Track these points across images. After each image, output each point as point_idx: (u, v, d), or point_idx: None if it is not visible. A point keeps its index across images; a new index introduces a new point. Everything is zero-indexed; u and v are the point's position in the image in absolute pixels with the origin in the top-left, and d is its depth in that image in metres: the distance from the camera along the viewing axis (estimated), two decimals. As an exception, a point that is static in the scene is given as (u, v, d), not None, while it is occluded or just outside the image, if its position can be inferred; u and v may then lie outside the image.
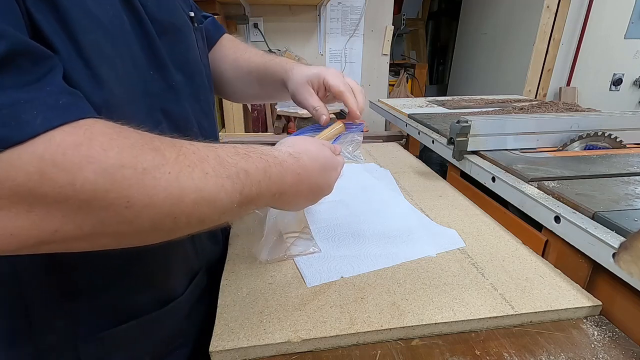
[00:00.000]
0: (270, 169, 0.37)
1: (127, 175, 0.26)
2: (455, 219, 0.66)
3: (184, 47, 0.46)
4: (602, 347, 0.41)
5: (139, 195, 0.27)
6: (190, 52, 0.47)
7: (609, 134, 0.77)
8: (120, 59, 0.35)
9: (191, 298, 0.49)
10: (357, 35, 1.91)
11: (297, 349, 0.41)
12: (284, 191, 0.39)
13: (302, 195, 0.42)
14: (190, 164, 0.30)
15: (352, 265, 0.52)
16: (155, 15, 0.40)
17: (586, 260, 0.49)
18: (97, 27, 0.32)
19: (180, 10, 0.46)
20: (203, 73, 0.50)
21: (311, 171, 0.42)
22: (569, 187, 0.57)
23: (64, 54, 0.29)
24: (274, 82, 0.62)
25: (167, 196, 0.28)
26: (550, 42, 2.04)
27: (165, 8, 0.42)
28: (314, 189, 0.44)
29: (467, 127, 0.73)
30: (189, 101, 0.46)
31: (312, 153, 0.43)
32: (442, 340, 0.42)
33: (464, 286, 0.49)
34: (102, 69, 0.32)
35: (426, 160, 1.00)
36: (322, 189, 0.45)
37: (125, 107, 0.35)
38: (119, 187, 0.26)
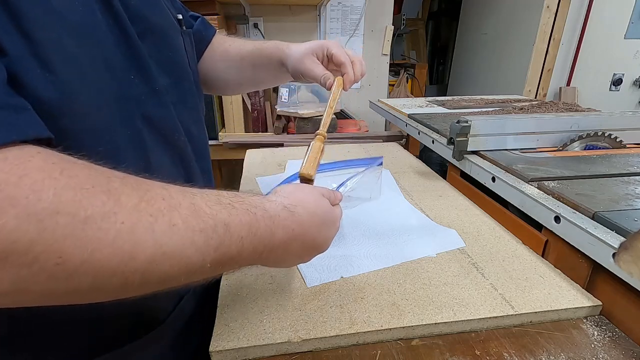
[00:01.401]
0: (257, 224, 0.32)
1: (61, 223, 0.21)
2: (455, 219, 0.66)
3: (169, 49, 0.44)
4: (602, 347, 0.41)
5: (75, 250, 0.22)
6: (177, 55, 0.45)
7: (609, 134, 0.77)
8: (90, 60, 0.32)
9: (175, 325, 0.46)
10: (357, 35, 1.90)
11: (297, 349, 0.41)
12: (272, 249, 0.35)
13: (293, 253, 0.37)
14: (154, 212, 0.25)
15: (352, 265, 0.52)
16: (138, 16, 0.38)
17: (586, 260, 0.49)
18: (60, 25, 0.29)
19: (166, 12, 0.45)
20: (191, 78, 0.48)
21: (308, 227, 0.37)
22: (569, 187, 0.57)
23: (13, 53, 0.26)
24: (269, 63, 0.61)
25: (113, 252, 0.23)
26: (550, 42, 2.04)
27: (150, 9, 0.41)
28: (308, 246, 0.39)
29: (467, 127, 0.73)
30: (176, 106, 0.43)
31: (310, 206, 0.38)
32: (442, 340, 0.42)
33: (464, 286, 0.49)
34: (64, 71, 0.29)
35: (426, 160, 1.00)
36: (317, 246, 0.40)
37: (94, 113, 0.32)
38: (49, 238, 0.21)
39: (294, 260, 0.40)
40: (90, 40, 0.32)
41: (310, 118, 1.38)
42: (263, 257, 0.34)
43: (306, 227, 0.37)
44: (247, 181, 0.85)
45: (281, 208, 0.36)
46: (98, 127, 0.33)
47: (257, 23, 1.80)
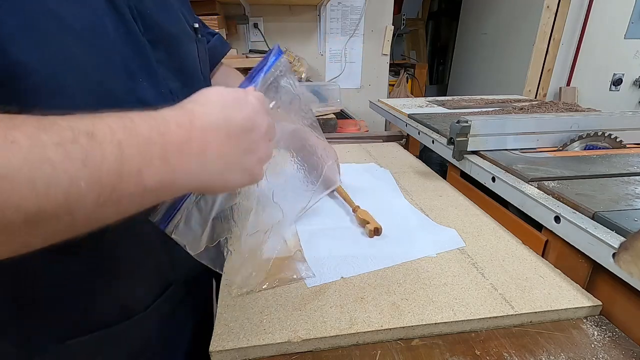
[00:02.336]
0: (134, 122, 0.26)
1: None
2: (455, 219, 0.66)
3: (182, 56, 0.44)
4: (602, 347, 0.41)
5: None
6: (189, 61, 0.46)
7: (609, 134, 0.77)
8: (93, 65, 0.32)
9: (162, 312, 0.46)
10: (357, 35, 1.90)
11: (297, 349, 0.41)
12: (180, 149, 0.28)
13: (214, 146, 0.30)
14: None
15: (352, 265, 0.52)
16: (152, 24, 0.39)
17: (586, 260, 0.49)
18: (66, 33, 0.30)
19: (181, 20, 0.46)
20: (202, 84, 0.48)
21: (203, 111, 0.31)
22: (569, 187, 0.57)
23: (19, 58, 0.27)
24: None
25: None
26: (550, 42, 2.04)
27: (165, 18, 0.42)
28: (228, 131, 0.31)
29: (467, 127, 0.73)
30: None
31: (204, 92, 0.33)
32: (442, 340, 0.42)
33: (464, 286, 0.49)
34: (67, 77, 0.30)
35: (426, 160, 1.00)
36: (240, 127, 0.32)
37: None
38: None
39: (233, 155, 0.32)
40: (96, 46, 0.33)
41: (310, 118, 1.38)
42: (179, 165, 0.28)
43: (204, 111, 0.31)
44: (247, 181, 0.84)
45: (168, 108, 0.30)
46: None
47: (257, 23, 1.80)
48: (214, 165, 0.31)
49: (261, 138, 0.34)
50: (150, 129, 0.27)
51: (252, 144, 0.33)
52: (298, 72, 1.72)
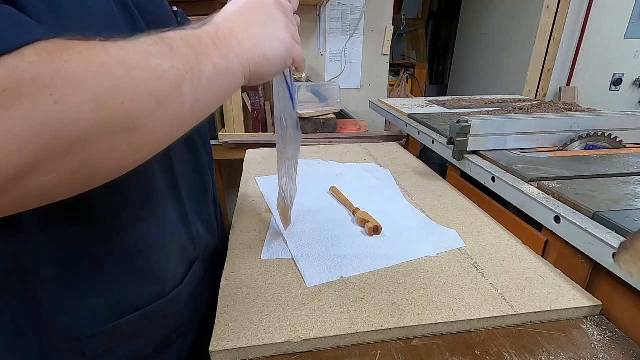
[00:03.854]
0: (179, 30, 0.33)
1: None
2: (455, 219, 0.66)
3: None
4: (602, 347, 0.41)
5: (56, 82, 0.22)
6: None
7: (609, 134, 0.77)
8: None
9: (189, 287, 0.48)
10: (357, 35, 1.90)
11: (297, 349, 0.41)
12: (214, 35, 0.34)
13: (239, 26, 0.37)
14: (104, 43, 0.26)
15: (352, 265, 0.53)
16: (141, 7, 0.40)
17: (586, 260, 0.49)
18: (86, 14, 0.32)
19: (165, 4, 0.48)
20: None
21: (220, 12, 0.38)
22: (569, 187, 0.57)
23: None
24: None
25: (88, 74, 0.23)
26: (550, 42, 2.04)
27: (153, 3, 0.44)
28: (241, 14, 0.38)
29: (467, 127, 0.73)
30: None
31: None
32: (442, 340, 0.42)
33: (464, 286, 0.49)
34: None
35: (426, 160, 1.00)
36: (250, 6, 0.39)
37: None
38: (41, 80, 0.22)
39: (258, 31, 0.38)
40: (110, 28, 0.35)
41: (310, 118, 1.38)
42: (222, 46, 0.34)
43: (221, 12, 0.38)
44: (247, 181, 0.85)
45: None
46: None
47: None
48: (246, 41, 0.36)
49: (275, 9, 0.40)
50: (193, 28, 0.33)
51: (268, 15, 0.39)
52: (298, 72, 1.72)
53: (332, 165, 0.93)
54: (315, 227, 0.63)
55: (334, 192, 0.75)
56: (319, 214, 0.68)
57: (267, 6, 0.39)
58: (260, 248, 0.58)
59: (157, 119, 0.27)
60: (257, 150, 1.08)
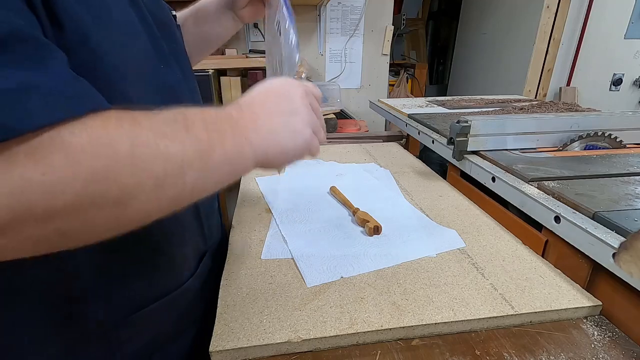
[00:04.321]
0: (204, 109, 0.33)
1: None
2: (455, 219, 0.66)
3: (176, 43, 0.49)
4: (602, 347, 0.41)
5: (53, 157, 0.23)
6: (181, 47, 0.50)
7: (609, 134, 0.77)
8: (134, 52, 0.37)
9: (200, 278, 0.51)
10: (357, 35, 1.90)
11: (297, 349, 0.41)
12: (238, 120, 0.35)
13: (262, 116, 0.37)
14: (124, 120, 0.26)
15: (352, 265, 0.53)
16: (152, 12, 0.42)
17: (586, 260, 0.49)
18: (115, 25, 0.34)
19: (167, 9, 0.50)
20: (190, 66, 0.53)
21: (248, 97, 0.38)
22: (569, 187, 0.57)
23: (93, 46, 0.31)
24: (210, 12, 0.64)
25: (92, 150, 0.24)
26: (550, 42, 2.04)
27: (157, 7, 0.46)
28: (267, 103, 0.38)
29: (467, 127, 0.73)
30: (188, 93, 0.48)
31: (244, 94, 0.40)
32: (442, 340, 0.42)
33: (464, 286, 0.49)
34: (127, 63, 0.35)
35: (426, 160, 1.00)
36: (278, 96, 0.39)
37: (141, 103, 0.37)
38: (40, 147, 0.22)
39: (281, 118, 0.38)
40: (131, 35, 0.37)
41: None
42: (245, 132, 0.34)
43: (249, 97, 0.38)
44: (247, 181, 0.85)
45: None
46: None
47: (257, 23, 1.80)
48: (265, 129, 0.36)
49: (300, 101, 0.39)
50: (217, 111, 0.34)
51: (292, 108, 0.39)
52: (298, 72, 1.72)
53: (332, 165, 0.93)
54: (315, 227, 0.63)
55: (334, 192, 0.75)
56: (319, 214, 0.68)
57: (294, 96, 0.39)
58: (260, 248, 0.58)
59: (152, 197, 0.27)
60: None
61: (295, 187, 0.80)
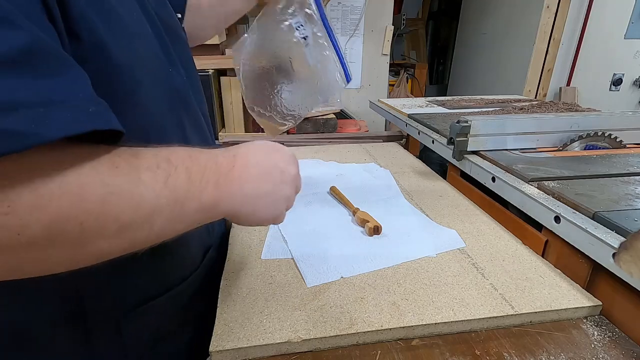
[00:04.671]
0: (198, 155, 0.33)
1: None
2: (455, 219, 0.66)
3: (182, 45, 0.50)
4: (602, 347, 0.41)
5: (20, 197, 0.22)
6: (187, 50, 0.52)
7: (609, 134, 0.77)
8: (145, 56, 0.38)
9: (204, 272, 0.52)
10: (357, 35, 1.90)
11: (297, 349, 0.41)
12: (226, 176, 0.34)
13: (253, 181, 0.37)
14: (99, 158, 0.26)
15: (352, 265, 0.52)
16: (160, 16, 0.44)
17: (586, 260, 0.49)
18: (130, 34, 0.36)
19: (173, 13, 0.51)
20: (195, 68, 0.54)
21: (249, 151, 0.38)
22: (569, 187, 0.57)
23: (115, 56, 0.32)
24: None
25: (61, 194, 0.23)
26: (550, 42, 2.04)
27: (165, 12, 0.47)
28: (262, 170, 0.38)
29: (467, 127, 0.73)
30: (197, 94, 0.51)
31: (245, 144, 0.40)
32: (442, 340, 0.42)
33: (464, 286, 0.49)
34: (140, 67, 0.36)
35: (426, 160, 1.00)
36: (272, 169, 0.38)
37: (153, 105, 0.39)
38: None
39: (265, 186, 0.37)
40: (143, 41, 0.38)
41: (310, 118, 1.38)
42: (225, 189, 0.34)
43: (247, 152, 0.38)
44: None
45: (217, 148, 0.37)
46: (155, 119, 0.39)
47: (257, 23, 1.79)
48: (249, 192, 0.36)
49: (290, 181, 0.40)
50: (207, 159, 0.34)
51: (281, 183, 0.39)
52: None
53: (332, 165, 0.93)
54: (315, 227, 0.63)
55: (334, 192, 0.75)
56: (319, 214, 0.68)
57: (286, 173, 0.40)
58: (260, 248, 0.57)
59: (113, 240, 0.27)
60: (257, 150, 1.08)
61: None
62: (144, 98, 0.37)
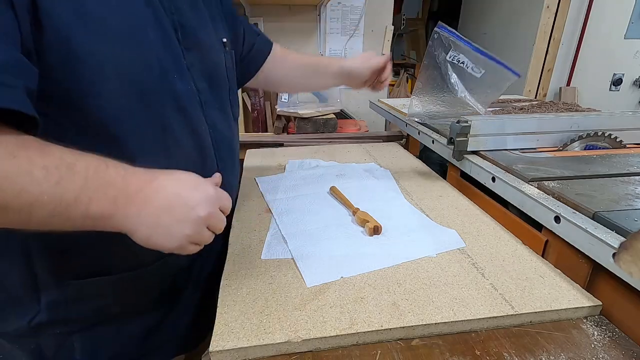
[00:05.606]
0: (106, 169, 0.35)
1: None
2: (455, 219, 0.66)
3: (211, 61, 0.56)
4: (602, 347, 0.41)
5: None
6: (217, 67, 0.57)
7: (609, 134, 0.77)
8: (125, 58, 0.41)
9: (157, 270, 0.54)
10: (357, 35, 1.90)
11: (297, 349, 0.41)
12: (130, 198, 0.36)
13: (158, 207, 0.37)
14: (8, 149, 0.31)
15: (352, 266, 0.52)
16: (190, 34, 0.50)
17: (586, 260, 0.49)
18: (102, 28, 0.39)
19: (213, 34, 0.58)
20: (227, 87, 0.60)
21: (167, 182, 0.39)
22: (569, 187, 0.57)
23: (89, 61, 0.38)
24: (326, 72, 0.80)
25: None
26: (550, 42, 2.04)
27: (202, 30, 0.53)
28: (172, 200, 0.38)
29: (467, 127, 0.73)
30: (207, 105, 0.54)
31: (177, 172, 0.41)
32: (442, 340, 0.42)
33: (464, 286, 0.49)
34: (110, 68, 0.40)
35: (426, 160, 1.00)
36: (184, 200, 0.39)
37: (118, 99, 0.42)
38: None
39: (168, 221, 0.38)
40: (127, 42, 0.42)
41: (310, 118, 1.38)
42: (121, 207, 0.36)
43: (165, 181, 0.39)
44: (247, 181, 0.85)
45: (142, 170, 0.39)
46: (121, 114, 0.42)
47: (257, 23, 1.80)
48: (147, 219, 0.37)
49: (199, 220, 0.40)
50: (117, 174, 0.36)
51: (186, 220, 0.39)
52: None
53: (332, 166, 0.93)
54: (315, 227, 0.63)
55: (334, 192, 0.75)
56: (319, 214, 0.68)
57: (195, 212, 0.39)
58: (260, 248, 0.57)
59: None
60: (257, 150, 1.08)
61: (295, 187, 0.80)
62: (108, 92, 0.40)
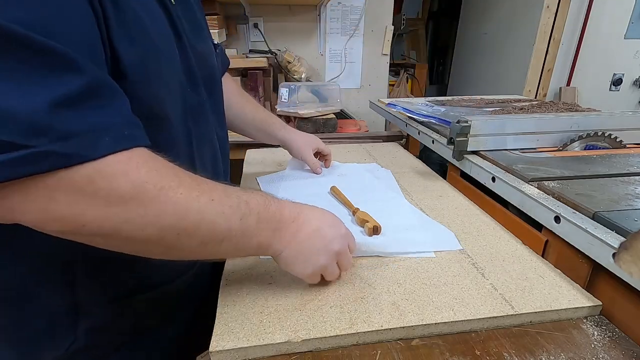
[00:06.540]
0: (269, 203, 0.42)
1: (147, 189, 0.33)
2: (455, 219, 0.66)
3: (210, 68, 0.57)
4: (602, 347, 0.41)
5: (153, 208, 0.33)
6: (214, 73, 0.58)
7: (609, 134, 0.77)
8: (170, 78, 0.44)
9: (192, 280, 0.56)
10: (357, 35, 1.90)
11: (297, 349, 0.41)
12: (285, 227, 0.43)
13: (304, 239, 0.44)
14: (200, 190, 0.37)
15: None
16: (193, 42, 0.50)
17: (586, 260, 0.49)
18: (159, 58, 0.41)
19: (208, 39, 0.59)
20: (221, 91, 0.62)
21: (311, 216, 0.45)
22: (569, 187, 0.57)
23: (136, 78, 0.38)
24: (269, 135, 0.84)
25: (174, 211, 0.34)
26: (550, 42, 2.04)
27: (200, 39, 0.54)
28: (316, 234, 0.44)
29: (467, 127, 0.73)
30: (212, 114, 0.57)
31: (313, 207, 0.47)
32: (442, 340, 0.42)
33: (464, 286, 0.49)
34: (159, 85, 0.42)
35: (426, 160, 1.00)
36: (325, 236, 0.45)
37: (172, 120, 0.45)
38: (141, 198, 0.33)
39: (309, 250, 0.44)
40: (170, 63, 0.44)
41: (310, 118, 1.38)
42: (278, 237, 0.42)
43: (310, 215, 0.45)
44: (247, 181, 0.85)
45: (287, 201, 0.46)
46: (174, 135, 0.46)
47: (257, 23, 1.80)
48: (293, 246, 0.44)
49: (333, 254, 0.45)
50: (276, 209, 0.43)
51: (321, 252, 0.45)
52: (298, 72, 1.72)
53: (333, 166, 0.93)
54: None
55: (334, 192, 0.75)
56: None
57: (330, 246, 0.45)
58: (260, 248, 0.57)
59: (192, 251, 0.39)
60: (257, 150, 1.08)
61: (295, 186, 0.80)
62: (168, 114, 0.44)
